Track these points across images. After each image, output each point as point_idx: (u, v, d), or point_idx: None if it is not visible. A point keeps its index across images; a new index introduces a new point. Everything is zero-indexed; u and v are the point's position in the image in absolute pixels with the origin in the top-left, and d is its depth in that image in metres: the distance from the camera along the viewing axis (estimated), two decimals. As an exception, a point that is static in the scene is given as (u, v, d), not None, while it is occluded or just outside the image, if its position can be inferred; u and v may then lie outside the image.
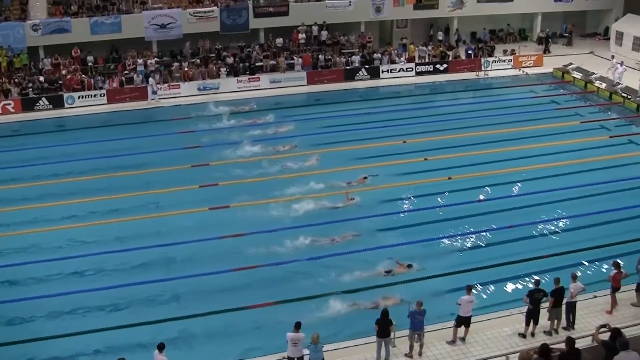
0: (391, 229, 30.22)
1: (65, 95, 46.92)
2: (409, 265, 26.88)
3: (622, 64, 49.03)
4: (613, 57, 53.37)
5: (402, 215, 31.93)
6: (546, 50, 58.68)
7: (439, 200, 33.31)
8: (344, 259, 27.48)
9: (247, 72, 51.38)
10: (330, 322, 23.29)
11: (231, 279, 26.44)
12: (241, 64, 51.62)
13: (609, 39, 59.69)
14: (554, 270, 25.45)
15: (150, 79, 47.88)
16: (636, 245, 27.43)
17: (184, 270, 27.02)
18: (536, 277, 23.70)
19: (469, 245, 29.14)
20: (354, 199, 32.71)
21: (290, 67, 52.39)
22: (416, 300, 21.71)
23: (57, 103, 46.69)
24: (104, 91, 47.70)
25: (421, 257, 27.54)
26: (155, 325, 23.69)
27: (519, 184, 34.44)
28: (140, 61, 49.82)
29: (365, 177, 34.80)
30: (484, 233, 29.87)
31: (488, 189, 33.75)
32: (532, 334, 22.23)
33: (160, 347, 19.83)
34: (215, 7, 52.39)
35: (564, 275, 23.08)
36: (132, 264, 27.67)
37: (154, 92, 47.66)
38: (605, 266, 26.28)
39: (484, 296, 25.28)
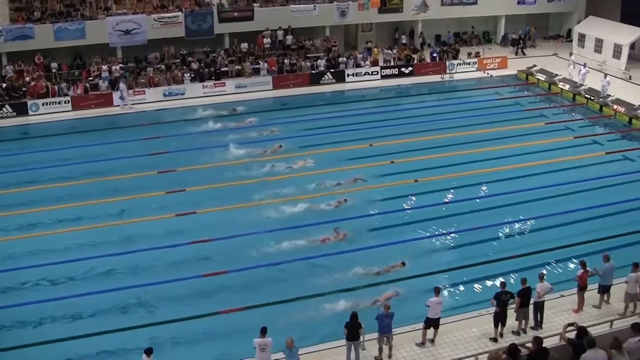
0: (359, 233, 30.20)
1: (29, 102, 46.47)
2: (403, 263, 27.17)
3: (585, 65, 49.57)
4: (571, 54, 54.02)
5: (367, 218, 31.74)
6: (520, 52, 59.35)
7: (406, 202, 33.45)
8: (311, 263, 27.67)
9: (213, 78, 51.22)
10: (302, 326, 23.27)
11: (201, 284, 26.34)
12: (206, 69, 51.46)
13: (571, 41, 60.29)
14: (522, 271, 25.67)
15: (122, 84, 47.55)
16: (602, 244, 27.66)
17: (153, 277, 26.83)
18: (502, 279, 23.84)
19: (436, 247, 29.22)
20: (346, 200, 32.99)
21: (256, 71, 52.32)
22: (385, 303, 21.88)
23: (21, 110, 46.20)
24: (68, 98, 47.30)
25: (388, 260, 27.56)
26: (124, 332, 23.49)
27: (485, 186, 34.63)
28: (104, 67, 49.49)
29: (357, 179, 35.16)
30: (451, 235, 30.01)
31: (454, 190, 34.08)
32: (501, 335, 22.36)
33: (148, 352, 19.78)
34: (179, 13, 52.21)
35: (532, 275, 23.29)
36: (100, 271, 27.47)
37: (121, 98, 47.36)
38: (572, 265, 26.61)
39: (455, 296, 25.48)
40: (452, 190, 34.26)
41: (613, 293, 23.98)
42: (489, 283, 26.26)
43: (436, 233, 30.12)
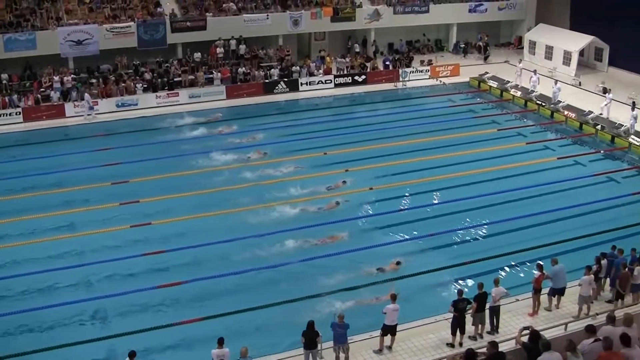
0: (321, 243, 30.19)
1: (-21, 114, 45.81)
2: (398, 263, 27.64)
3: (535, 72, 50.12)
4: (521, 61, 54.52)
5: (322, 227, 31.50)
6: (487, 57, 60.04)
7: (362, 211, 33.54)
8: (269, 272, 27.66)
9: (166, 88, 50.89)
10: (261, 335, 23.43)
11: (157, 295, 26.16)
12: (159, 80, 51.12)
13: (522, 48, 61.01)
14: (477, 276, 25.87)
15: (86, 94, 47.10)
16: (554, 248, 28.09)
17: (108, 289, 26.51)
18: (459, 287, 24.02)
19: (392, 253, 29.10)
20: (338, 203, 33.22)
21: (209, 81, 52.11)
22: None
23: (-29, 122, 45.53)
24: (19, 109, 46.63)
25: (344, 268, 27.61)
26: (81, 346, 23.14)
27: (439, 192, 34.87)
28: (56, 78, 48.93)
29: (344, 182, 35.46)
30: (405, 242, 30.16)
31: (408, 198, 34.29)
32: (460, 344, 22.32)
33: (132, 355, 19.64)
34: (132, 23, 51.72)
35: (487, 279, 23.48)
36: (53, 284, 27.10)
37: (91, 108, 46.98)
38: (526, 269, 26.92)
39: (411, 303, 25.40)
40: (405, 198, 34.47)
41: (567, 295, 24.30)
42: (444, 289, 26.45)
43: (389, 241, 30.21)
